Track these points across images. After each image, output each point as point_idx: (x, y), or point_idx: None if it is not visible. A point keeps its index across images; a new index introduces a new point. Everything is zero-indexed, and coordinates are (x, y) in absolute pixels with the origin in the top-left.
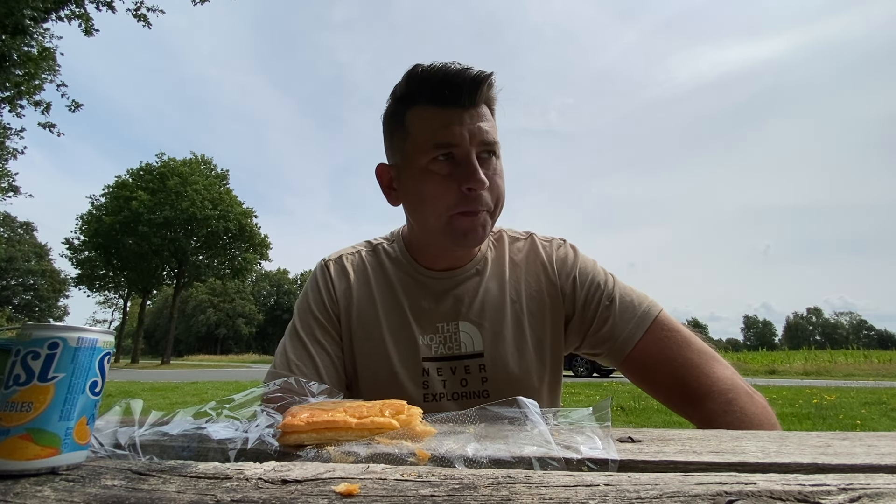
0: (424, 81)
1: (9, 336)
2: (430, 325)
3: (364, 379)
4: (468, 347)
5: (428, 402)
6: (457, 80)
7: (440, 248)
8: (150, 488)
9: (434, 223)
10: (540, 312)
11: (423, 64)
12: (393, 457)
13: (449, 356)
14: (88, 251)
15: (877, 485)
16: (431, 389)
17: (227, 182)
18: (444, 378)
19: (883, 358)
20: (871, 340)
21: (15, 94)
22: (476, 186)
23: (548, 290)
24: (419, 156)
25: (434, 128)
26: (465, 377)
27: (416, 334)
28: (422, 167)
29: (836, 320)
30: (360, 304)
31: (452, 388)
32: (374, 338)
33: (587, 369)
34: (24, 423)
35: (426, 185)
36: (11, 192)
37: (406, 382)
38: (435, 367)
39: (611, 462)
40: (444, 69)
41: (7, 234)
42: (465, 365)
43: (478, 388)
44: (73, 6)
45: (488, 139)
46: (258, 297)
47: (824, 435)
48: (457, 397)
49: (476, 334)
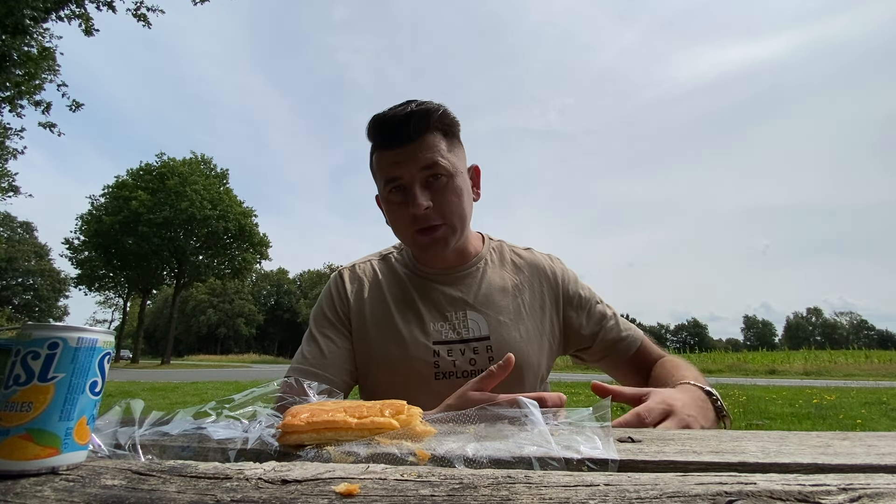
0: (372, 130)
1: (9, 336)
2: (440, 314)
3: (379, 362)
4: (475, 332)
5: (439, 380)
6: (391, 124)
7: (425, 258)
8: (150, 488)
9: (404, 241)
10: (541, 309)
11: (378, 112)
12: (393, 457)
13: (458, 340)
14: (88, 251)
15: (877, 485)
16: (442, 369)
17: (227, 182)
18: (454, 358)
19: (883, 358)
20: (871, 340)
21: (15, 93)
22: (415, 210)
23: (549, 292)
24: (382, 190)
25: (384, 166)
26: (474, 357)
27: (428, 322)
28: (385, 198)
29: (836, 320)
30: (372, 304)
31: (462, 367)
32: (388, 329)
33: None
34: (24, 423)
35: (389, 213)
36: (11, 192)
37: (418, 363)
38: (446, 349)
39: (611, 462)
40: (381, 117)
41: (7, 234)
42: (473, 347)
43: (485, 366)
44: (73, 6)
45: (429, 162)
46: (258, 297)
47: (824, 435)
48: (466, 375)
49: (482, 321)
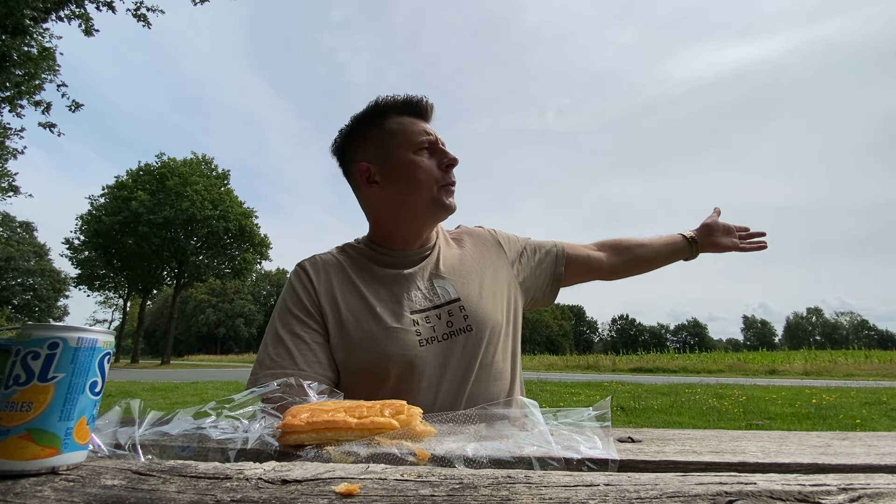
0: (403, 100)
1: (9, 336)
2: (411, 286)
3: (362, 342)
4: (446, 296)
5: (423, 346)
6: (423, 103)
7: (421, 224)
8: (150, 488)
9: (426, 196)
10: (494, 267)
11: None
12: (393, 457)
13: (432, 306)
14: (88, 251)
15: (877, 485)
16: (423, 335)
17: (228, 182)
18: (432, 324)
19: (883, 358)
20: (871, 340)
21: (15, 94)
22: (453, 162)
23: (494, 249)
24: (407, 150)
25: (416, 130)
26: (450, 319)
27: (401, 294)
28: (411, 157)
29: (836, 320)
30: (342, 288)
31: (442, 330)
32: (364, 308)
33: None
34: (24, 423)
35: (417, 169)
36: (11, 192)
37: (400, 333)
38: (423, 317)
39: (611, 462)
40: (412, 95)
41: (7, 234)
42: (447, 310)
43: (462, 325)
44: (73, 6)
45: (443, 141)
46: (258, 297)
47: (824, 435)
48: (446, 337)
49: (450, 286)
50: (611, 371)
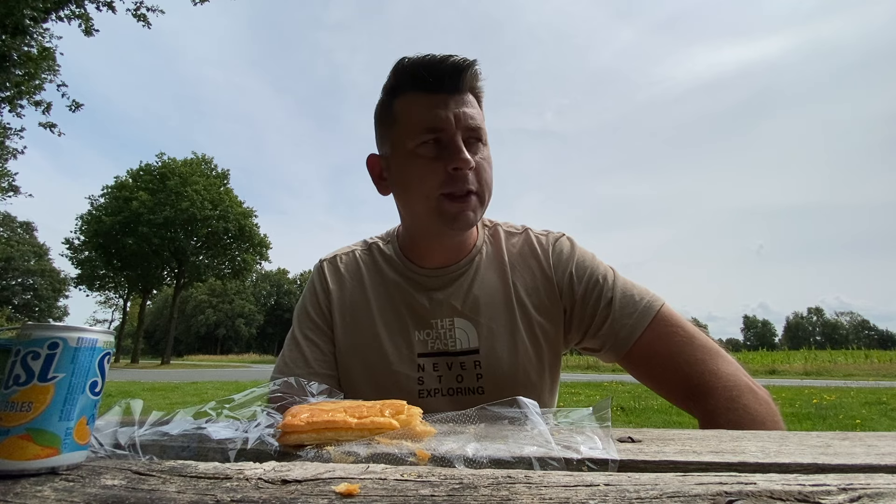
0: (410, 70)
1: (9, 336)
2: (424, 321)
3: (360, 373)
4: (463, 344)
5: (423, 398)
6: (440, 67)
7: (431, 235)
8: (150, 488)
9: (423, 206)
10: (536, 308)
11: (409, 56)
12: (393, 457)
13: (444, 352)
14: (88, 251)
15: (877, 485)
16: (427, 385)
17: (228, 182)
18: (439, 373)
19: (883, 358)
20: (871, 340)
21: (15, 94)
22: (461, 165)
23: (543, 286)
24: (407, 140)
25: (420, 112)
26: (461, 373)
27: (412, 330)
28: (409, 151)
29: (836, 320)
30: (353, 301)
31: (448, 384)
32: (369, 334)
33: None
34: (24, 423)
35: (413, 167)
36: (11, 191)
37: (401, 377)
38: (431, 363)
39: (611, 462)
40: (427, 58)
41: (7, 234)
42: (460, 361)
43: (473, 384)
44: (73, 6)
45: (473, 124)
46: (258, 297)
47: (824, 435)
48: (452, 393)
49: (472, 330)
50: (611, 371)
